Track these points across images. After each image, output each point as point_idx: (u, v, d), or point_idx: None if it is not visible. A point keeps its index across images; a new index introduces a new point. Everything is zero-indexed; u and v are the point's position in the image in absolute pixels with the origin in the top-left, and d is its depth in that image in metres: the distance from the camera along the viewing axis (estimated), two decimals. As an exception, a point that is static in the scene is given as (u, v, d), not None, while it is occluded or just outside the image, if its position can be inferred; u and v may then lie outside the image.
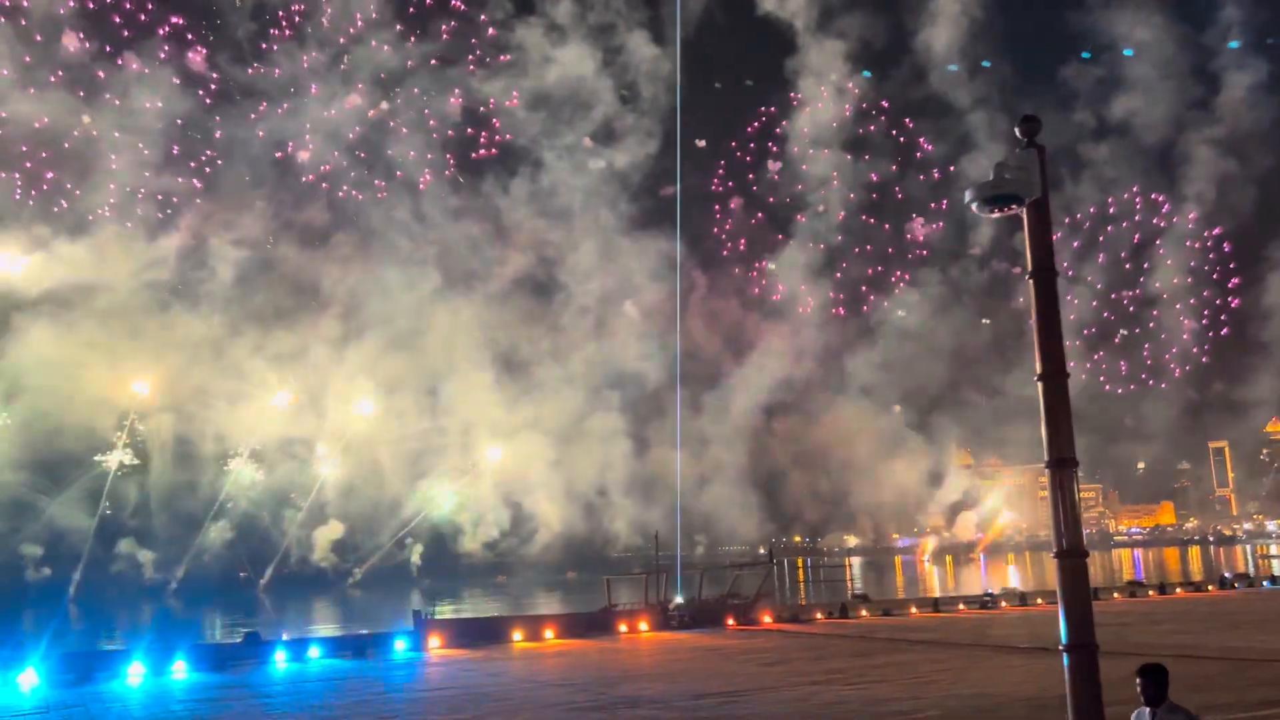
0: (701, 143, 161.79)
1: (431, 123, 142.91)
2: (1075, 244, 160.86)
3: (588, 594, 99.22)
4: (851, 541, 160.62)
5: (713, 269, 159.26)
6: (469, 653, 42.67)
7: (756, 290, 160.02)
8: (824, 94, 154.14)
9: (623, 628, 49.64)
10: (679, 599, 54.49)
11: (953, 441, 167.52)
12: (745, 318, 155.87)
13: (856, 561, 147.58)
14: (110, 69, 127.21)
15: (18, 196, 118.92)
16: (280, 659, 41.23)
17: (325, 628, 74.80)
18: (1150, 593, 67.98)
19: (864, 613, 56.65)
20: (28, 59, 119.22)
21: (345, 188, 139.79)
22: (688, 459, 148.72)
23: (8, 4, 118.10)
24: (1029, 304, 10.32)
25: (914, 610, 58.91)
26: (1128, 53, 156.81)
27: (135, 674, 37.77)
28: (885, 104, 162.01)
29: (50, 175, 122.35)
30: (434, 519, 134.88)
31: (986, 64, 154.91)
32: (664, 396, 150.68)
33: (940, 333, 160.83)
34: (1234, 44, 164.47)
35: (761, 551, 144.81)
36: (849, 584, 67.95)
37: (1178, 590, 70.29)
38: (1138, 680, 9.55)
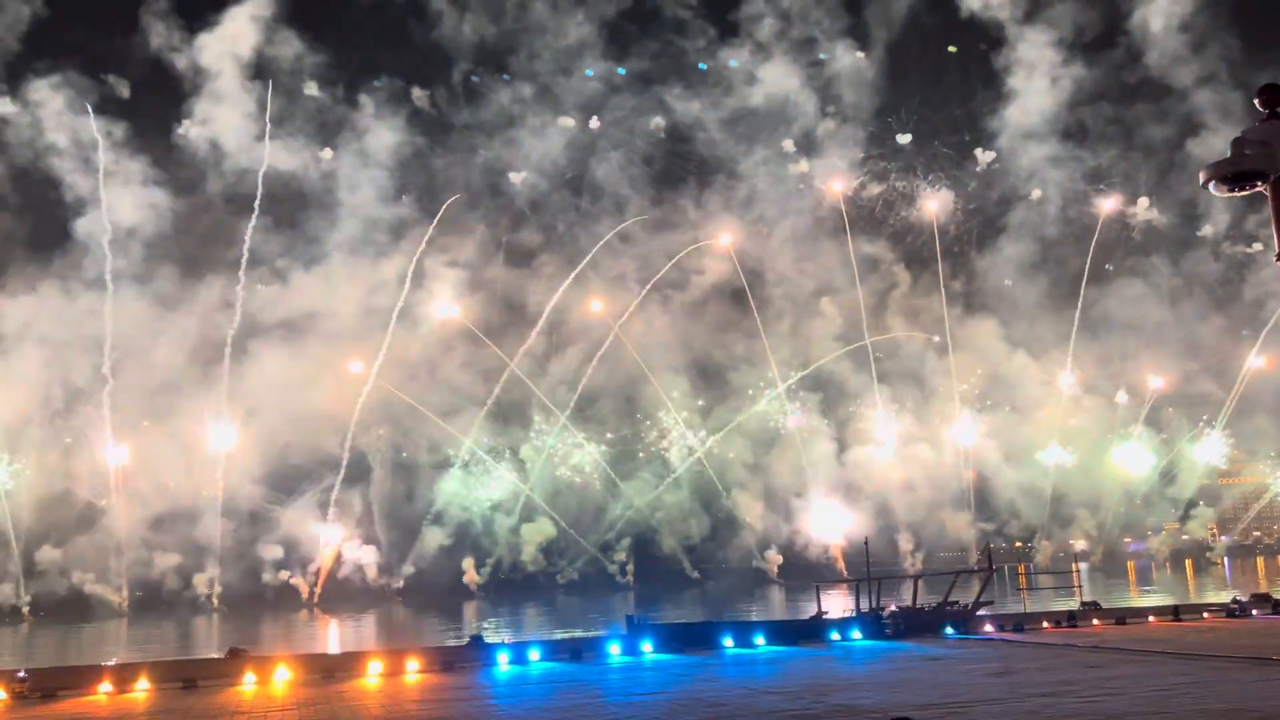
0: (906, 137, 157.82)
1: (635, 141, 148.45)
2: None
3: (796, 600, 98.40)
4: (1078, 544, 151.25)
5: (916, 265, 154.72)
6: (681, 657, 43.14)
7: (963, 284, 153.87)
8: (1035, 84, 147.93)
9: (834, 635, 48.85)
10: (893, 606, 53.09)
11: (1186, 436, 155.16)
12: (951, 313, 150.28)
13: (1084, 566, 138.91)
14: (347, 110, 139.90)
15: (264, 234, 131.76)
16: (502, 661, 43.05)
17: (541, 631, 77.53)
18: None
19: (1095, 621, 53.31)
20: (273, 112, 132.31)
21: (552, 208, 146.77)
22: (892, 459, 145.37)
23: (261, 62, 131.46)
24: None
25: (1152, 619, 54.93)
26: None
27: (372, 674, 40.43)
28: (1101, 89, 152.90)
29: (292, 212, 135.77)
30: (635, 524, 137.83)
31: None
32: (864, 397, 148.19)
33: (1169, 323, 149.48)
34: None
35: (976, 557, 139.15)
36: (1077, 590, 63.90)
37: None
38: None
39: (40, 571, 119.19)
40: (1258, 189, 9.75)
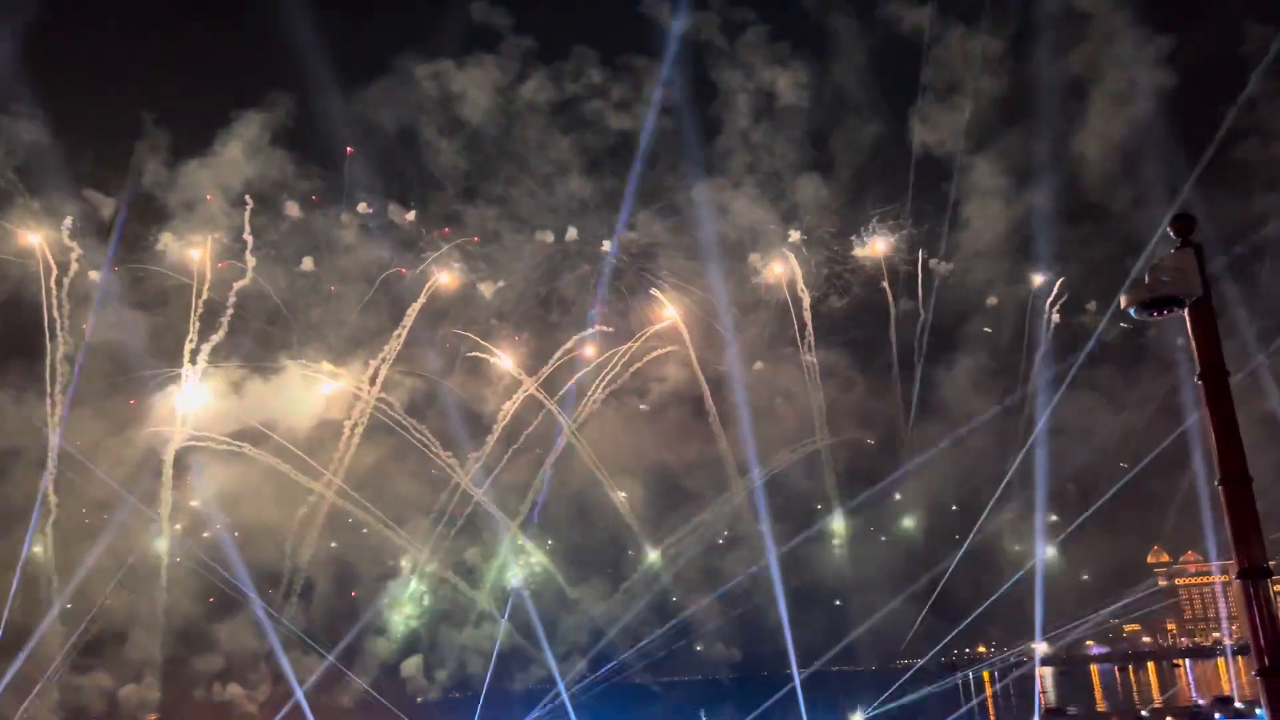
0: (861, 251, 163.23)
1: (604, 256, 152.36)
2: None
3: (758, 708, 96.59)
4: (1041, 650, 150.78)
5: (872, 374, 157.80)
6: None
7: (917, 396, 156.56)
8: (987, 208, 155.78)
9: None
10: (859, 716, 52.44)
11: (1141, 538, 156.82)
12: (906, 423, 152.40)
13: (1048, 671, 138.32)
14: (328, 227, 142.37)
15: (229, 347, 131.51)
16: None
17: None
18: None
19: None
20: (255, 230, 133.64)
21: (519, 319, 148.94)
22: (848, 566, 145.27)
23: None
24: (1201, 407, 9.92)
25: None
26: None
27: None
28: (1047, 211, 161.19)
29: (261, 325, 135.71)
30: (590, 633, 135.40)
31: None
32: (818, 501, 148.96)
33: (1120, 431, 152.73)
34: None
35: (942, 660, 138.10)
36: (1041, 696, 63.34)
37: None
38: None
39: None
40: (1176, 314, 10.30)
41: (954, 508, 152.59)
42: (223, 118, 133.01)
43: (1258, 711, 55.50)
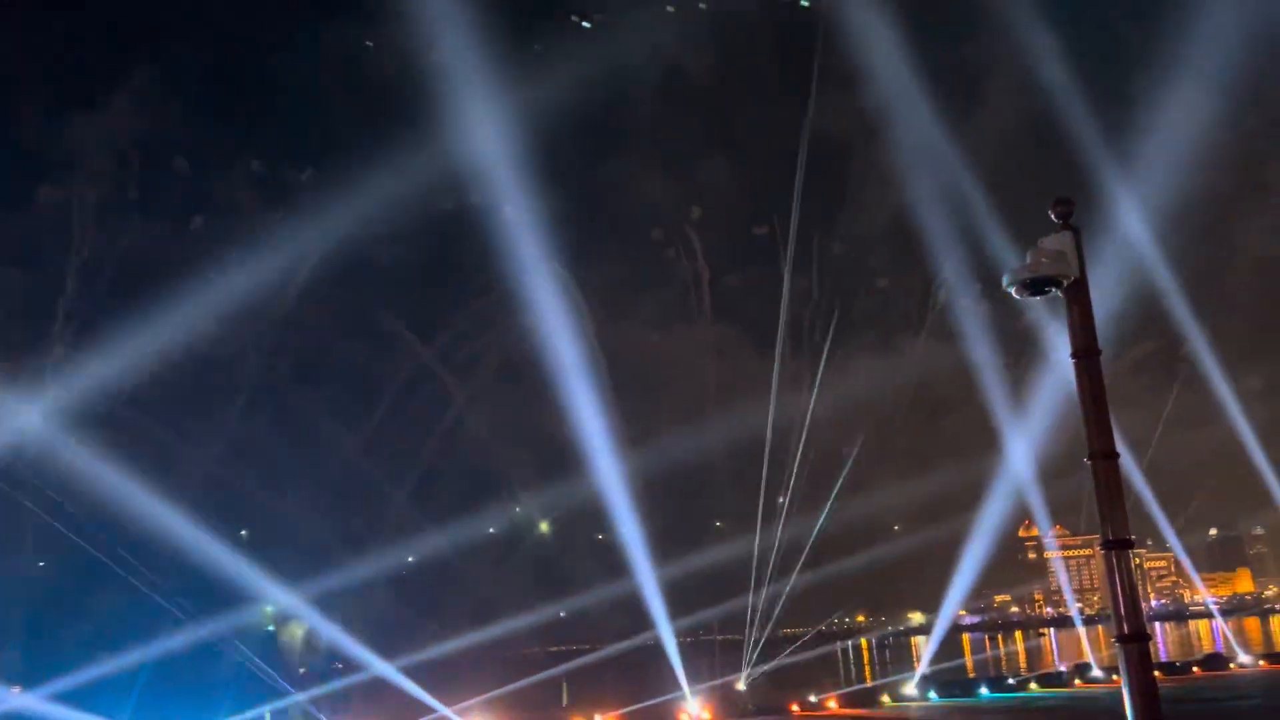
0: (763, 229, 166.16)
1: (504, 223, 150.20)
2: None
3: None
4: (916, 619, 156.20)
5: (766, 350, 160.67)
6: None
7: (813, 370, 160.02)
8: (881, 192, 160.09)
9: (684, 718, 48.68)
10: (742, 685, 53.54)
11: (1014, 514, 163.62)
12: (803, 399, 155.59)
13: (922, 639, 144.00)
14: (219, 185, 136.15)
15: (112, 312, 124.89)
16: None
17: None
18: (1231, 666, 65.28)
19: (933, 695, 55.05)
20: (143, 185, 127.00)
21: (416, 285, 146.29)
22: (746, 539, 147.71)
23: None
24: (1076, 386, 10.39)
25: (984, 690, 57.17)
26: None
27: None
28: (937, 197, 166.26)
29: (142, 287, 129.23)
30: (477, 601, 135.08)
31: None
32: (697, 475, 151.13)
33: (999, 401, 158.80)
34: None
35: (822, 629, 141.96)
36: (915, 664, 65.91)
37: (1261, 663, 67.23)
38: None
39: None
40: (1054, 294, 10.69)
41: (839, 481, 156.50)
42: (111, 71, 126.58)
43: (1114, 677, 58.63)
